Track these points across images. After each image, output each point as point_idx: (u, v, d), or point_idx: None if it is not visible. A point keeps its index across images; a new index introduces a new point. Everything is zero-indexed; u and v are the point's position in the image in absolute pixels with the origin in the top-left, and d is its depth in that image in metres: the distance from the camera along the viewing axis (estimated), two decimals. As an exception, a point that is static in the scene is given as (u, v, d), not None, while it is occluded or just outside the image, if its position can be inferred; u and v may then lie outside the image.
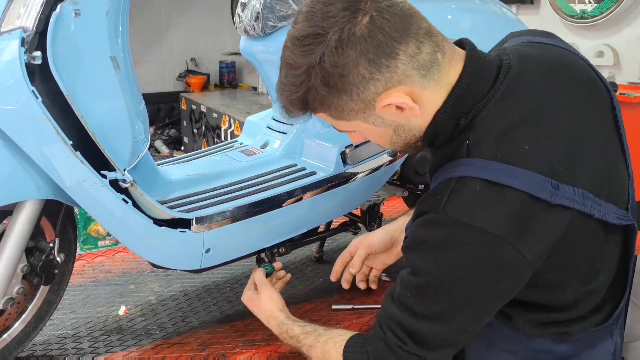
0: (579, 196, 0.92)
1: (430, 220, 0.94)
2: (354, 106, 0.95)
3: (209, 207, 1.41)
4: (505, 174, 0.90)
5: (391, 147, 1.06)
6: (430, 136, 1.01)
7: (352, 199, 1.65)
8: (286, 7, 1.52)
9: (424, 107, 0.96)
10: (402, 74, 0.91)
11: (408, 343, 0.99)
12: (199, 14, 6.60)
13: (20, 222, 1.22)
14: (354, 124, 0.99)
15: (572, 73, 1.02)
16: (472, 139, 0.95)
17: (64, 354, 1.45)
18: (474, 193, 0.91)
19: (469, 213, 0.91)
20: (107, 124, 1.21)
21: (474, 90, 0.96)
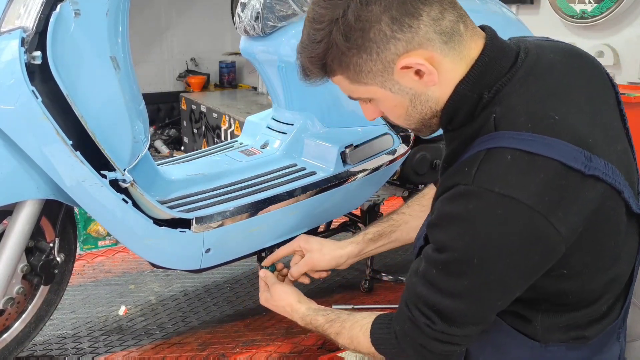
0: (610, 170, 0.90)
1: (459, 192, 0.91)
2: (373, 67, 0.93)
3: (209, 207, 1.41)
4: (537, 143, 0.88)
5: (406, 123, 1.03)
6: (449, 111, 0.98)
7: (352, 199, 1.65)
8: (286, 7, 1.53)
9: (442, 76, 0.94)
10: (424, 36, 0.90)
11: (436, 322, 0.97)
12: (199, 14, 6.60)
13: (20, 222, 1.22)
14: (371, 89, 0.97)
15: (584, 61, 1.03)
16: (499, 112, 0.93)
17: (64, 354, 1.45)
18: (505, 161, 0.88)
19: (501, 182, 0.87)
20: (107, 124, 1.21)
21: (497, 65, 0.95)
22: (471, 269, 0.92)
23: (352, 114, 1.64)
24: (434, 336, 0.99)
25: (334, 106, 1.64)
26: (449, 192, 0.93)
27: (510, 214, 0.87)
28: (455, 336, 0.98)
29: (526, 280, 0.94)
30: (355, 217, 1.87)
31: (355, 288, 1.76)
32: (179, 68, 6.71)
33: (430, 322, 0.98)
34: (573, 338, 1.02)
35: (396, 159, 1.66)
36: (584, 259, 0.94)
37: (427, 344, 1.01)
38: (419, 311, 0.99)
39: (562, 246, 0.89)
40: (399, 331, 1.05)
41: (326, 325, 1.22)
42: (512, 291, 0.95)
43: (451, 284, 0.94)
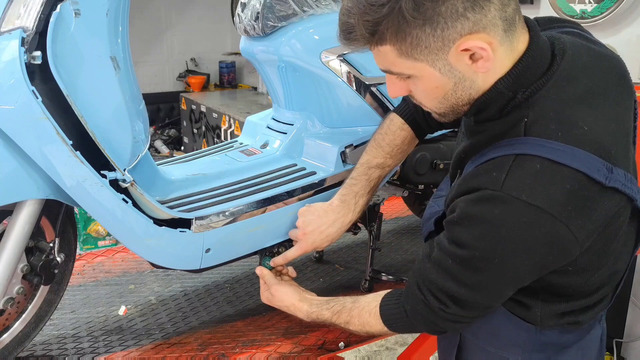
0: (629, 181, 0.93)
1: (486, 196, 0.92)
2: (432, 43, 0.88)
3: (209, 207, 1.41)
4: (565, 153, 0.89)
5: (436, 106, 1.00)
6: (481, 103, 0.97)
7: (352, 199, 1.64)
8: (286, 7, 1.53)
9: (493, 66, 0.92)
10: (491, 20, 0.88)
11: (450, 306, 1.02)
12: (199, 14, 6.60)
13: (20, 222, 1.22)
14: (418, 66, 0.92)
15: (614, 64, 1.02)
16: (530, 117, 0.93)
17: (64, 354, 1.45)
18: (534, 171, 0.90)
19: (528, 191, 0.89)
20: (107, 124, 1.21)
21: (537, 66, 0.94)
22: (490, 266, 0.96)
23: (352, 114, 1.64)
24: (446, 317, 1.05)
25: (334, 106, 1.64)
26: (475, 194, 0.94)
27: (535, 221, 0.90)
28: (466, 317, 1.05)
29: (536, 275, 0.98)
30: (355, 217, 1.86)
31: (355, 288, 1.76)
32: (179, 68, 6.71)
33: (444, 307, 1.03)
34: (568, 323, 1.07)
35: (396, 159, 1.66)
36: (590, 258, 0.98)
37: (439, 322, 1.07)
38: (433, 296, 1.04)
39: (577, 250, 0.93)
40: (410, 310, 1.11)
41: (334, 318, 1.26)
42: (522, 282, 1.00)
43: (467, 276, 0.98)
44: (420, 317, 1.08)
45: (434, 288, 1.03)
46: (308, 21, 1.55)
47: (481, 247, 0.94)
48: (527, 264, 0.95)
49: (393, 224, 2.36)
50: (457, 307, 1.02)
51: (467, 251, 0.96)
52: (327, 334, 1.53)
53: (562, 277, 0.99)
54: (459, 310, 1.02)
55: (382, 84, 1.61)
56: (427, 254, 1.05)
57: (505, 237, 0.92)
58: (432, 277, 1.03)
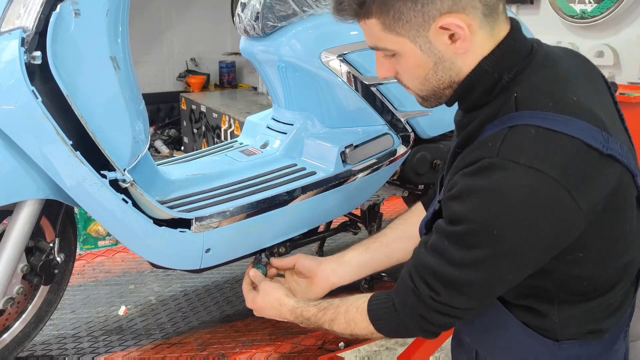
0: (624, 153, 0.93)
1: (483, 165, 0.91)
2: (413, 17, 0.93)
3: (209, 207, 1.41)
4: (558, 122, 0.89)
5: (419, 87, 1.03)
6: (467, 84, 0.99)
7: (352, 199, 1.65)
8: (286, 7, 1.53)
9: (472, 48, 0.95)
10: (470, 2, 0.92)
11: (441, 293, 0.97)
12: (199, 14, 6.60)
13: (20, 222, 1.22)
14: (400, 41, 0.96)
15: (583, 60, 1.07)
16: (519, 92, 0.95)
17: (64, 354, 1.45)
18: (530, 136, 0.89)
19: (526, 154, 0.88)
20: (107, 124, 1.21)
21: (519, 50, 0.98)
22: (488, 240, 0.91)
23: (352, 114, 1.64)
24: (435, 308, 0.99)
25: (334, 106, 1.64)
26: (472, 166, 0.93)
27: (535, 185, 0.87)
28: (458, 309, 0.98)
29: (540, 256, 0.93)
30: (355, 217, 1.87)
31: (355, 288, 1.76)
32: (179, 68, 6.71)
33: (434, 294, 0.98)
34: (589, 331, 1.02)
35: (396, 159, 1.66)
36: (600, 242, 0.95)
37: (427, 315, 1.01)
38: (424, 282, 0.99)
39: (581, 222, 0.90)
40: (398, 303, 1.05)
41: (319, 314, 1.19)
42: (525, 266, 0.94)
43: (463, 255, 0.94)
44: (409, 310, 1.03)
45: (427, 273, 0.99)
46: (308, 21, 1.55)
47: (478, 219, 0.91)
48: (528, 238, 0.90)
49: (393, 224, 2.35)
50: (449, 294, 0.97)
51: (464, 226, 0.93)
52: (327, 334, 1.53)
53: (574, 267, 0.96)
54: (450, 299, 0.97)
55: (382, 84, 1.61)
56: (424, 242, 1.03)
57: (503, 204, 0.89)
58: (426, 260, 1.00)
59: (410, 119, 1.67)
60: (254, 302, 1.33)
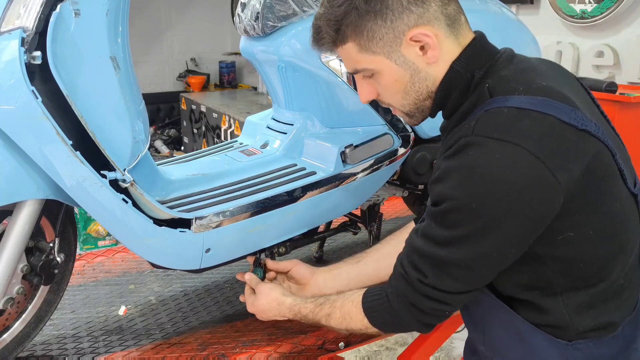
0: (600, 131, 0.96)
1: (460, 145, 0.95)
2: (385, 34, 1.01)
3: (209, 207, 1.41)
4: (530, 102, 0.94)
5: (401, 103, 1.09)
6: (444, 88, 1.05)
7: (352, 199, 1.65)
8: (286, 7, 1.53)
9: (442, 55, 1.03)
10: (433, 14, 1.01)
11: (428, 275, 1.00)
12: (199, 14, 6.61)
13: (20, 222, 1.22)
14: (377, 59, 1.03)
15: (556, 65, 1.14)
16: (491, 82, 1.01)
17: (64, 354, 1.45)
18: (503, 114, 0.94)
19: (499, 129, 0.93)
20: (107, 124, 1.21)
21: (486, 50, 1.06)
22: (469, 215, 0.94)
23: (352, 114, 1.64)
24: (424, 292, 1.01)
25: (334, 106, 1.64)
26: (451, 149, 0.98)
27: (510, 157, 0.91)
28: (446, 293, 1.00)
29: (523, 231, 0.95)
30: (355, 217, 1.87)
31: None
32: (179, 68, 6.71)
33: (422, 276, 1.01)
34: (603, 326, 1.02)
35: (396, 159, 1.66)
36: (589, 220, 0.96)
37: (417, 301, 1.03)
38: (412, 266, 1.03)
39: (560, 195, 0.92)
40: (390, 292, 1.08)
41: (316, 310, 1.23)
42: (509, 242, 0.96)
43: (448, 234, 0.97)
44: (400, 298, 1.05)
45: (415, 256, 1.02)
46: (308, 21, 1.55)
47: (458, 195, 0.94)
48: (509, 212, 0.92)
49: (393, 224, 2.36)
50: (435, 276, 0.99)
51: (446, 204, 0.96)
52: (327, 334, 1.53)
53: (568, 248, 0.97)
54: (438, 281, 0.99)
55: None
56: (416, 229, 1.06)
57: (479, 178, 0.92)
58: (414, 244, 1.03)
59: (410, 119, 1.67)
60: (253, 305, 1.36)
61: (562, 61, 3.49)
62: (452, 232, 0.96)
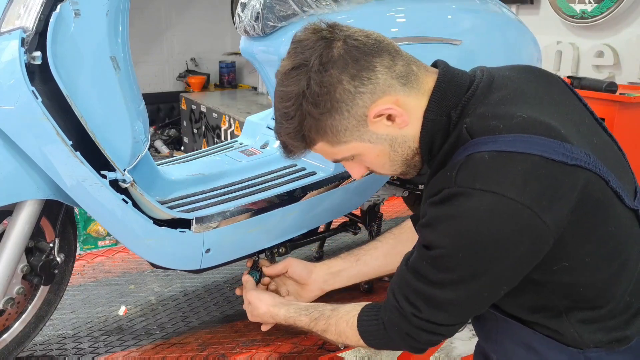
0: (592, 160, 0.93)
1: (444, 196, 0.95)
2: (347, 124, 0.99)
3: (209, 207, 1.41)
4: (511, 142, 0.91)
5: (392, 169, 1.08)
6: (426, 139, 1.03)
7: (352, 199, 1.65)
8: (286, 7, 1.52)
9: (411, 114, 1.01)
10: (384, 84, 0.98)
11: (423, 310, 1.01)
12: (199, 14, 6.61)
13: (20, 222, 1.22)
14: (352, 146, 1.03)
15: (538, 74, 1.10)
16: (469, 122, 0.98)
17: (64, 354, 1.45)
18: (483, 161, 0.92)
19: (481, 179, 0.91)
20: (107, 124, 1.21)
21: (454, 87, 1.02)
22: (458, 263, 0.95)
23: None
24: (419, 325, 1.02)
25: (334, 106, 1.64)
26: (436, 196, 0.97)
27: (493, 207, 0.90)
28: (440, 325, 1.02)
29: (512, 273, 0.96)
30: (355, 217, 1.87)
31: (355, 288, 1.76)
32: (179, 68, 6.71)
33: (417, 311, 1.02)
34: (616, 340, 1.01)
35: (396, 159, 1.66)
36: (583, 248, 0.96)
37: (413, 333, 1.04)
38: (407, 301, 1.03)
39: (549, 237, 0.91)
40: (387, 321, 1.09)
41: (311, 324, 1.24)
42: (499, 283, 0.97)
43: (440, 277, 0.98)
44: (397, 328, 1.06)
45: (408, 291, 1.03)
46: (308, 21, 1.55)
47: (447, 244, 0.95)
48: (497, 258, 0.92)
49: (393, 224, 2.36)
50: (431, 311, 1.00)
51: (435, 251, 0.97)
52: (327, 334, 1.53)
53: (566, 275, 0.97)
54: (432, 316, 1.00)
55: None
56: (406, 259, 1.06)
57: (466, 229, 0.92)
58: (407, 279, 1.03)
59: (410, 119, 1.67)
60: (252, 315, 1.38)
61: (562, 61, 3.48)
62: (443, 276, 0.97)
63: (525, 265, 0.95)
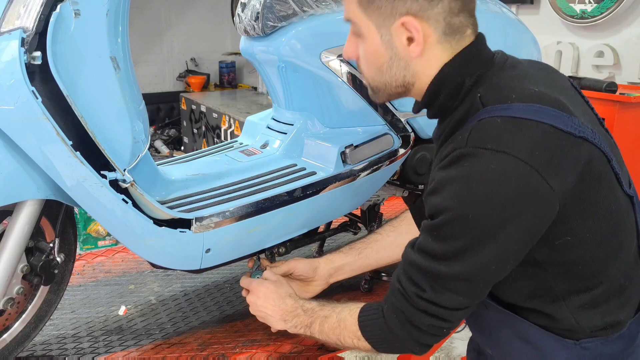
0: (597, 137, 0.96)
1: (454, 157, 0.95)
2: (383, 5, 1.00)
3: (209, 207, 1.41)
4: (525, 110, 0.93)
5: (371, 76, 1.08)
6: (433, 88, 1.04)
7: (352, 199, 1.65)
8: (286, 7, 1.53)
9: (427, 56, 1.02)
10: (434, 16, 0.99)
11: (426, 289, 0.99)
12: (198, 14, 6.61)
13: (20, 222, 1.22)
14: (368, 24, 1.03)
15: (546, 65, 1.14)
16: (482, 91, 1.00)
17: (64, 354, 1.45)
18: (496, 124, 0.94)
19: (493, 140, 0.92)
20: (107, 124, 1.21)
21: (480, 56, 1.04)
22: (465, 226, 0.94)
23: (352, 114, 1.64)
24: (422, 307, 1.00)
25: (334, 106, 1.64)
26: (445, 159, 0.97)
27: (504, 168, 0.90)
28: (444, 308, 1.00)
29: (519, 242, 0.95)
30: (355, 217, 1.87)
31: (355, 288, 1.76)
32: (179, 68, 6.71)
33: (420, 291, 1.00)
34: (610, 325, 1.02)
35: (396, 159, 1.66)
36: (585, 224, 0.96)
37: (414, 317, 1.02)
38: (410, 281, 1.02)
39: (555, 203, 0.92)
40: (387, 309, 1.07)
41: (317, 308, 1.25)
42: (505, 253, 0.96)
43: (446, 247, 0.96)
44: (396, 314, 1.04)
45: (412, 270, 1.01)
46: (308, 21, 1.55)
47: (453, 206, 0.94)
48: (505, 223, 0.92)
49: (393, 224, 2.35)
50: (434, 290, 0.98)
51: (442, 216, 0.95)
52: (327, 334, 1.53)
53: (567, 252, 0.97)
54: (436, 296, 0.98)
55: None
56: (412, 243, 1.06)
57: (475, 189, 0.92)
58: (412, 258, 1.02)
59: (410, 119, 1.67)
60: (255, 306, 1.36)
61: (562, 61, 3.49)
62: (449, 246, 0.96)
63: (531, 234, 0.94)
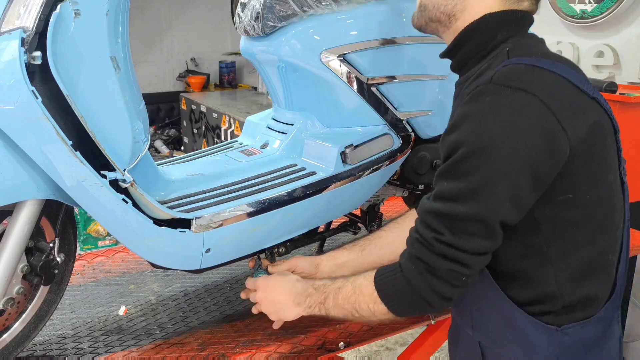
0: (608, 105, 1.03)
1: (477, 92, 0.98)
2: None
3: (209, 207, 1.41)
4: (547, 63, 0.99)
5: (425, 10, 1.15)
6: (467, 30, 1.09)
7: (352, 199, 1.65)
8: (286, 7, 1.53)
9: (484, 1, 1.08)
10: None
11: (445, 233, 1.00)
12: (198, 14, 6.61)
13: (20, 222, 1.22)
14: None
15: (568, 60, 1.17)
16: (510, 46, 1.05)
17: (64, 354, 1.45)
18: (520, 69, 0.99)
19: (515, 79, 0.97)
20: (107, 124, 1.21)
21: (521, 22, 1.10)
22: (482, 159, 0.96)
23: (352, 114, 1.64)
24: (440, 251, 1.00)
25: (334, 106, 1.64)
26: (467, 97, 1.00)
27: (523, 104, 0.94)
28: (463, 252, 0.99)
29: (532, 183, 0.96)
30: (355, 217, 1.87)
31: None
32: (179, 68, 6.71)
33: (438, 234, 1.01)
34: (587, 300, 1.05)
35: (396, 159, 1.66)
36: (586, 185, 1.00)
37: (433, 262, 1.02)
38: (428, 227, 1.03)
39: (566, 147, 0.95)
40: (404, 262, 1.08)
41: (328, 283, 1.25)
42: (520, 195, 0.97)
43: (461, 185, 0.98)
44: (414, 264, 1.04)
45: (429, 217, 1.02)
46: (308, 21, 1.55)
47: (472, 139, 0.97)
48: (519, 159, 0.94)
49: (393, 224, 2.35)
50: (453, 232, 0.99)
51: (460, 152, 0.98)
52: (327, 334, 1.53)
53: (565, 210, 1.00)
54: (455, 239, 0.98)
55: (382, 84, 1.61)
56: (427, 196, 1.08)
57: (493, 123, 0.95)
58: (428, 206, 1.04)
59: (410, 119, 1.67)
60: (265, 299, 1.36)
61: (562, 61, 3.49)
62: (465, 182, 0.97)
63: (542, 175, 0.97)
